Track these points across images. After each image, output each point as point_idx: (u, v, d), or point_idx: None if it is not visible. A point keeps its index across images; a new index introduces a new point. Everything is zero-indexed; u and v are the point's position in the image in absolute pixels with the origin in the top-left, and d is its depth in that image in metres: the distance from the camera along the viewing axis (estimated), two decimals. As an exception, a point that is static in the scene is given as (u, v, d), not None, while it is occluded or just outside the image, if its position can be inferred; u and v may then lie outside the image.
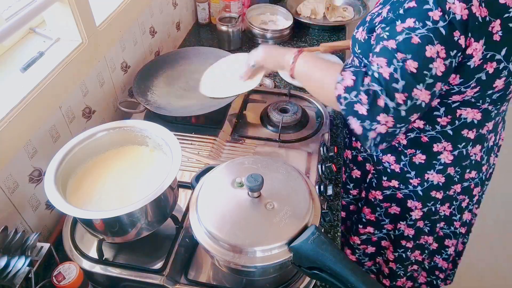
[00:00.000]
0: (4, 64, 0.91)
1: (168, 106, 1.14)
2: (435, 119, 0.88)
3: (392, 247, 1.17)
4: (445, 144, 0.91)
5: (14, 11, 0.86)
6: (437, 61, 0.72)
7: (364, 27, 0.88)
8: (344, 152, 1.17)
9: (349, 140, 1.14)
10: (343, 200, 1.22)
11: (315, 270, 0.64)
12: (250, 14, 1.65)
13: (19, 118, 0.78)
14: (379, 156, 1.02)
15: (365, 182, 1.12)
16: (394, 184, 1.03)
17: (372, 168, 1.07)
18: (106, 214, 0.71)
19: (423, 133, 0.91)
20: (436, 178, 0.97)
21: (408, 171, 0.98)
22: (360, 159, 1.11)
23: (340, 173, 1.08)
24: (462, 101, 0.83)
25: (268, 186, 0.70)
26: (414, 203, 1.04)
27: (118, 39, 1.13)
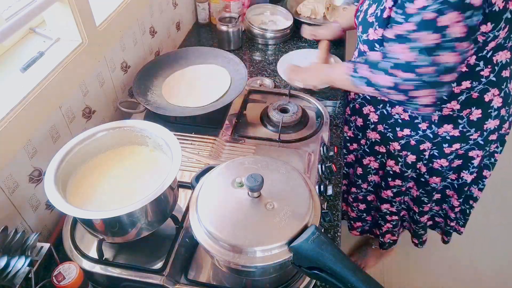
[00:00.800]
0: (4, 64, 0.91)
1: (168, 106, 1.14)
2: (478, 74, 0.97)
3: (456, 194, 1.31)
4: (493, 91, 1.01)
5: (14, 11, 0.86)
6: (454, 26, 0.80)
7: (374, 27, 0.98)
8: (390, 146, 1.23)
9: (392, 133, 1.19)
10: (403, 187, 1.32)
11: (315, 270, 0.64)
12: (250, 14, 1.65)
13: (19, 118, 0.78)
14: (435, 131, 1.11)
15: (423, 160, 1.20)
16: (456, 146, 1.13)
17: (429, 145, 1.15)
18: (106, 214, 0.71)
19: (472, 91, 1.00)
20: (493, 124, 1.08)
21: (468, 130, 1.08)
22: (413, 143, 1.17)
23: (340, 173, 1.08)
24: (495, 46, 0.92)
25: (268, 186, 0.70)
26: (475, 152, 1.15)
27: (118, 39, 1.13)
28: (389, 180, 1.31)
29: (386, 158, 1.27)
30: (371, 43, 1.01)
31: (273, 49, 1.56)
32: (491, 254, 1.92)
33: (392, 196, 1.36)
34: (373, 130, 1.24)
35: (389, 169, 1.28)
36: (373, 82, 0.93)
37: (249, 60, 1.50)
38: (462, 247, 1.94)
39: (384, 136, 1.22)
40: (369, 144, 1.28)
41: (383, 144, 1.25)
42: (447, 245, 1.87)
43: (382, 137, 1.23)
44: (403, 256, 1.88)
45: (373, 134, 1.25)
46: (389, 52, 0.90)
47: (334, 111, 1.26)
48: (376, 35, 0.98)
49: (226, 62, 1.25)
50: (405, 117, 1.13)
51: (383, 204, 1.41)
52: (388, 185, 1.32)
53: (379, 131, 1.22)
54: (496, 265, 1.88)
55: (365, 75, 0.94)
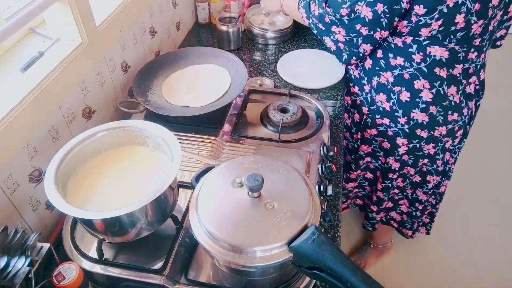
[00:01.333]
0: (4, 64, 0.91)
1: (168, 106, 1.14)
2: (410, 56, 1.04)
3: (381, 178, 1.38)
4: (423, 82, 1.07)
5: (14, 11, 0.86)
6: None
7: None
8: (345, 100, 1.34)
9: (347, 87, 1.32)
10: (349, 144, 1.43)
11: (315, 270, 0.64)
12: (250, 14, 1.65)
13: (19, 118, 0.78)
14: (373, 96, 1.19)
15: (361, 124, 1.29)
16: (386, 122, 1.20)
17: (366, 110, 1.24)
18: (106, 214, 0.71)
19: (404, 70, 1.07)
20: (421, 116, 1.12)
21: (396, 109, 1.15)
22: (358, 102, 1.27)
23: (340, 173, 1.08)
24: (430, 36, 0.98)
25: (268, 186, 0.70)
26: (401, 140, 1.20)
27: (118, 39, 1.13)
28: (344, 131, 1.35)
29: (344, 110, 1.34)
30: None
31: (273, 49, 1.56)
32: (491, 254, 1.92)
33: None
34: (347, 95, 1.34)
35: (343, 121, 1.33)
36: (311, 8, 1.11)
37: (249, 60, 1.50)
38: (463, 247, 1.94)
39: (348, 90, 1.32)
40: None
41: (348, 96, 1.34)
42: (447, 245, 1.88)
43: (347, 90, 1.33)
44: (403, 255, 1.88)
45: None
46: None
47: (334, 111, 1.26)
48: None
49: (226, 62, 1.25)
50: (356, 75, 1.23)
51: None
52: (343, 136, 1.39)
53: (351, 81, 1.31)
54: (496, 265, 1.88)
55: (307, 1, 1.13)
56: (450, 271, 1.85)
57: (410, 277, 1.83)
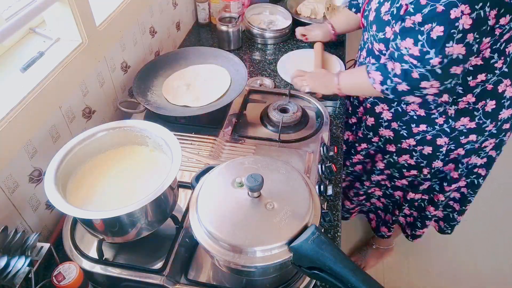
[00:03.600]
0: (4, 64, 0.91)
1: (168, 106, 1.14)
2: (493, 66, 0.99)
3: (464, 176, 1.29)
4: (506, 82, 1.03)
5: (14, 11, 0.86)
6: (462, 18, 0.83)
7: (391, 25, 0.99)
8: (403, 143, 1.23)
9: (407, 130, 1.19)
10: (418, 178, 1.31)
11: (315, 270, 0.64)
12: (249, 14, 1.65)
13: (19, 118, 0.78)
14: (451, 125, 1.11)
15: (441, 154, 1.20)
16: (472, 138, 1.13)
17: (446, 140, 1.15)
18: (106, 214, 0.71)
19: (487, 83, 1.02)
20: (507, 113, 1.09)
21: (484, 121, 1.09)
22: (429, 137, 1.17)
23: (340, 173, 1.08)
24: (508, 38, 0.93)
25: (268, 186, 0.70)
26: (489, 141, 1.16)
27: (118, 39, 1.13)
28: (404, 171, 1.31)
29: (396, 157, 1.27)
30: (388, 41, 1.01)
31: (273, 49, 1.56)
32: (491, 254, 1.92)
33: (407, 185, 1.36)
34: (386, 128, 1.24)
35: (403, 162, 1.27)
36: (388, 68, 0.99)
37: (249, 60, 1.50)
38: (462, 247, 1.94)
39: (398, 133, 1.22)
40: (383, 141, 1.28)
41: (393, 143, 1.25)
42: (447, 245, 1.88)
43: (395, 135, 1.23)
44: (403, 256, 1.88)
45: (386, 131, 1.24)
46: (400, 47, 0.93)
47: (334, 111, 1.26)
48: (392, 33, 0.99)
49: (226, 62, 1.25)
50: (421, 113, 1.13)
51: (396, 191, 1.41)
52: (403, 175, 1.33)
53: (393, 129, 1.22)
54: (496, 265, 1.88)
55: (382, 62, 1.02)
56: (450, 273, 1.85)
57: (410, 277, 1.83)
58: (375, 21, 1.04)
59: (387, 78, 0.99)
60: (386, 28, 1.00)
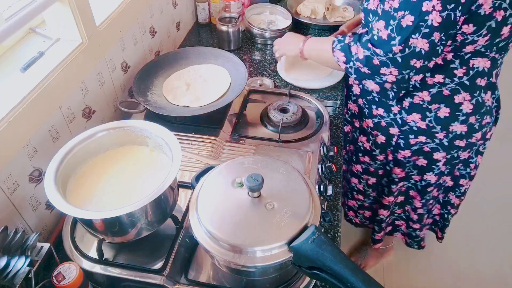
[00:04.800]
0: (4, 64, 0.91)
1: (168, 106, 1.14)
2: (452, 71, 0.98)
3: (419, 195, 1.32)
4: (464, 95, 1.01)
5: (14, 11, 0.86)
6: (432, 13, 0.83)
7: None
8: (363, 122, 1.27)
9: (368, 110, 1.22)
10: (371, 167, 1.34)
11: (315, 270, 0.64)
12: (249, 14, 1.65)
13: (19, 118, 0.78)
14: (404, 117, 1.11)
15: (391, 145, 1.21)
16: (421, 139, 1.13)
17: (397, 131, 1.16)
18: (106, 214, 0.71)
19: (444, 87, 1.01)
20: (460, 128, 1.07)
21: (434, 126, 1.08)
22: (383, 124, 1.18)
23: (340, 173, 1.08)
24: (474, 51, 0.93)
25: (268, 186, 0.70)
26: (440, 154, 1.15)
27: (118, 39, 1.13)
28: (359, 155, 1.33)
29: (358, 134, 1.30)
30: (367, 12, 1.00)
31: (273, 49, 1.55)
32: (491, 254, 1.92)
33: (361, 172, 1.37)
34: (353, 102, 1.28)
35: (360, 144, 1.30)
36: (352, 52, 1.00)
37: (249, 60, 1.50)
38: (462, 247, 1.94)
39: (362, 111, 1.24)
40: (350, 114, 1.32)
41: (358, 119, 1.28)
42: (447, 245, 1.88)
43: (359, 112, 1.26)
44: (403, 256, 1.88)
45: (353, 105, 1.29)
46: (373, 27, 0.95)
47: (334, 111, 1.26)
48: (373, 5, 0.97)
49: (226, 62, 1.25)
50: (381, 98, 1.14)
51: (352, 177, 1.43)
52: (359, 160, 1.35)
53: (358, 104, 1.25)
54: (496, 265, 1.88)
55: (347, 42, 1.02)
56: (450, 273, 1.85)
57: (410, 277, 1.83)
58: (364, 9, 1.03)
59: (350, 60, 1.01)
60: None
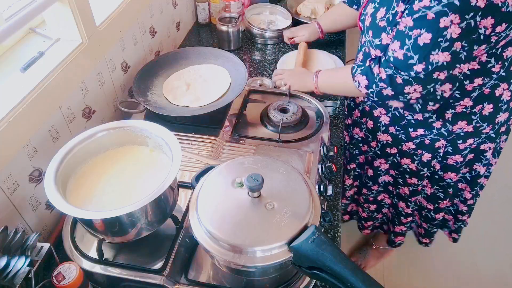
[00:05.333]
0: (4, 64, 0.91)
1: (168, 106, 1.14)
2: (490, 70, 0.98)
3: (469, 187, 1.32)
4: (503, 85, 1.02)
5: (14, 11, 0.86)
6: (451, 27, 0.83)
7: (387, 31, 0.98)
8: (403, 147, 1.22)
9: (405, 134, 1.19)
10: (419, 186, 1.32)
11: (315, 270, 0.64)
12: (249, 14, 1.65)
13: (19, 118, 0.78)
14: (449, 129, 1.11)
15: (438, 157, 1.20)
16: (470, 141, 1.14)
17: (444, 143, 1.16)
18: (106, 214, 0.71)
19: (484, 87, 1.01)
20: (503, 116, 1.10)
21: (481, 125, 1.10)
22: (427, 142, 1.17)
23: (340, 173, 1.08)
24: (505, 43, 0.92)
25: (268, 186, 0.70)
26: (487, 145, 1.16)
27: (118, 39, 1.13)
28: (406, 177, 1.30)
29: (399, 157, 1.26)
30: (385, 47, 1.00)
31: (272, 49, 1.56)
32: (492, 254, 1.92)
33: (408, 195, 1.36)
34: (384, 133, 1.23)
35: (406, 166, 1.27)
36: (374, 73, 0.99)
37: (249, 60, 1.50)
38: (463, 247, 1.93)
39: (396, 138, 1.21)
40: (380, 146, 1.28)
41: (394, 146, 1.24)
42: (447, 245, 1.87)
43: (393, 139, 1.23)
44: (403, 256, 1.88)
45: (384, 136, 1.24)
46: (389, 50, 0.94)
47: (334, 111, 1.26)
48: (389, 40, 0.97)
49: (226, 62, 1.25)
50: (419, 117, 1.12)
51: (400, 201, 1.41)
52: (406, 183, 1.32)
53: (391, 133, 1.22)
54: (497, 265, 1.88)
55: (367, 65, 1.01)
56: (450, 273, 1.85)
57: (410, 277, 1.83)
58: (371, 27, 1.03)
59: (373, 83, 0.99)
60: (382, 34, 0.99)
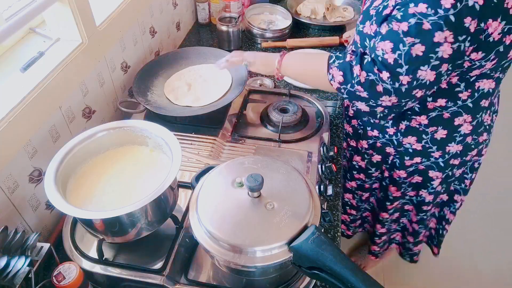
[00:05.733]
0: (4, 64, 0.91)
1: (168, 106, 1.14)
2: (456, 95, 0.94)
3: (415, 210, 1.32)
4: (466, 117, 0.98)
5: (14, 11, 0.86)
6: (444, 45, 0.78)
7: (371, 21, 0.91)
8: (358, 143, 1.25)
9: (363, 131, 1.20)
10: (366, 183, 1.34)
11: (315, 270, 0.64)
12: (249, 14, 1.65)
13: (19, 118, 0.78)
14: (399, 139, 1.09)
15: (387, 163, 1.19)
16: (417, 160, 1.11)
17: (393, 151, 1.14)
18: (106, 214, 0.71)
19: (445, 110, 0.98)
20: (456, 148, 1.05)
21: (430, 146, 1.06)
22: (379, 145, 1.17)
23: (340, 173, 1.08)
24: (479, 74, 0.89)
25: (268, 186, 0.70)
26: (435, 173, 1.13)
27: (118, 39, 1.13)
28: (354, 173, 1.33)
29: (352, 152, 1.30)
30: (363, 36, 0.94)
31: (272, 49, 1.55)
32: (491, 254, 1.92)
33: (355, 188, 1.37)
34: (348, 123, 1.27)
35: (355, 163, 1.29)
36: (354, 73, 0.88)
37: (249, 60, 1.50)
38: (462, 247, 1.94)
39: (356, 131, 1.24)
40: (344, 133, 1.29)
41: (353, 139, 1.27)
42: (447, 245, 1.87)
43: (353, 132, 1.26)
44: (403, 256, 1.88)
45: (347, 126, 1.28)
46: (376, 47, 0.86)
47: (334, 111, 1.26)
48: (370, 30, 0.91)
49: (226, 62, 1.25)
50: (376, 120, 1.11)
51: (346, 193, 1.43)
52: (353, 177, 1.35)
53: (353, 125, 1.24)
54: (496, 265, 1.88)
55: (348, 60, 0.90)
56: (450, 273, 1.85)
57: (410, 277, 1.83)
58: (363, 12, 0.97)
59: (349, 82, 0.89)
60: (367, 22, 0.92)
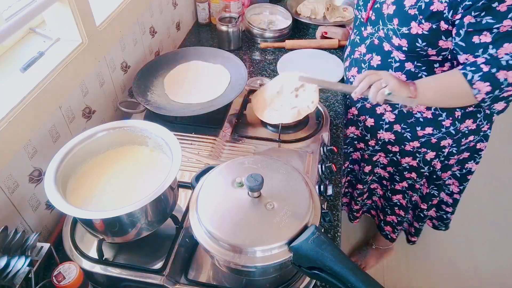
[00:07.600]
0: (4, 64, 0.91)
1: (168, 106, 1.14)
2: None
3: (457, 182, 1.36)
4: None
5: (14, 11, 0.86)
6: None
7: (417, 20, 0.93)
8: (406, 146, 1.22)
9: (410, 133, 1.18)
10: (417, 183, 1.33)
11: (315, 270, 0.64)
12: (249, 14, 1.65)
13: (19, 118, 0.78)
14: (457, 127, 1.12)
15: (441, 156, 1.20)
16: (470, 139, 1.15)
17: (450, 141, 1.15)
18: (106, 214, 0.71)
19: None
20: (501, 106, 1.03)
21: (482, 123, 1.12)
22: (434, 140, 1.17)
23: (340, 173, 1.08)
24: None
25: (268, 186, 0.70)
26: (484, 144, 1.20)
27: (118, 39, 1.13)
28: (405, 173, 1.31)
29: (399, 156, 1.26)
30: (412, 37, 0.96)
31: (272, 49, 1.55)
32: (491, 254, 1.92)
33: (406, 187, 1.36)
34: (387, 131, 1.21)
35: (406, 164, 1.28)
36: (499, 78, 0.87)
37: (249, 60, 1.50)
38: (462, 247, 1.94)
39: (401, 136, 1.20)
40: (381, 144, 1.27)
41: (397, 144, 1.24)
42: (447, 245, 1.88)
43: (397, 137, 1.21)
44: (403, 256, 1.88)
45: (387, 134, 1.22)
46: (499, 55, 0.86)
47: (334, 112, 1.26)
48: (420, 29, 0.93)
49: (226, 62, 1.25)
50: (428, 115, 1.12)
51: (395, 195, 1.42)
52: (404, 178, 1.33)
53: (395, 131, 1.20)
54: (496, 265, 1.88)
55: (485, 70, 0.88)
56: (450, 273, 1.85)
57: (410, 277, 1.83)
58: (396, 15, 0.98)
59: (497, 88, 0.88)
60: (412, 23, 0.94)
